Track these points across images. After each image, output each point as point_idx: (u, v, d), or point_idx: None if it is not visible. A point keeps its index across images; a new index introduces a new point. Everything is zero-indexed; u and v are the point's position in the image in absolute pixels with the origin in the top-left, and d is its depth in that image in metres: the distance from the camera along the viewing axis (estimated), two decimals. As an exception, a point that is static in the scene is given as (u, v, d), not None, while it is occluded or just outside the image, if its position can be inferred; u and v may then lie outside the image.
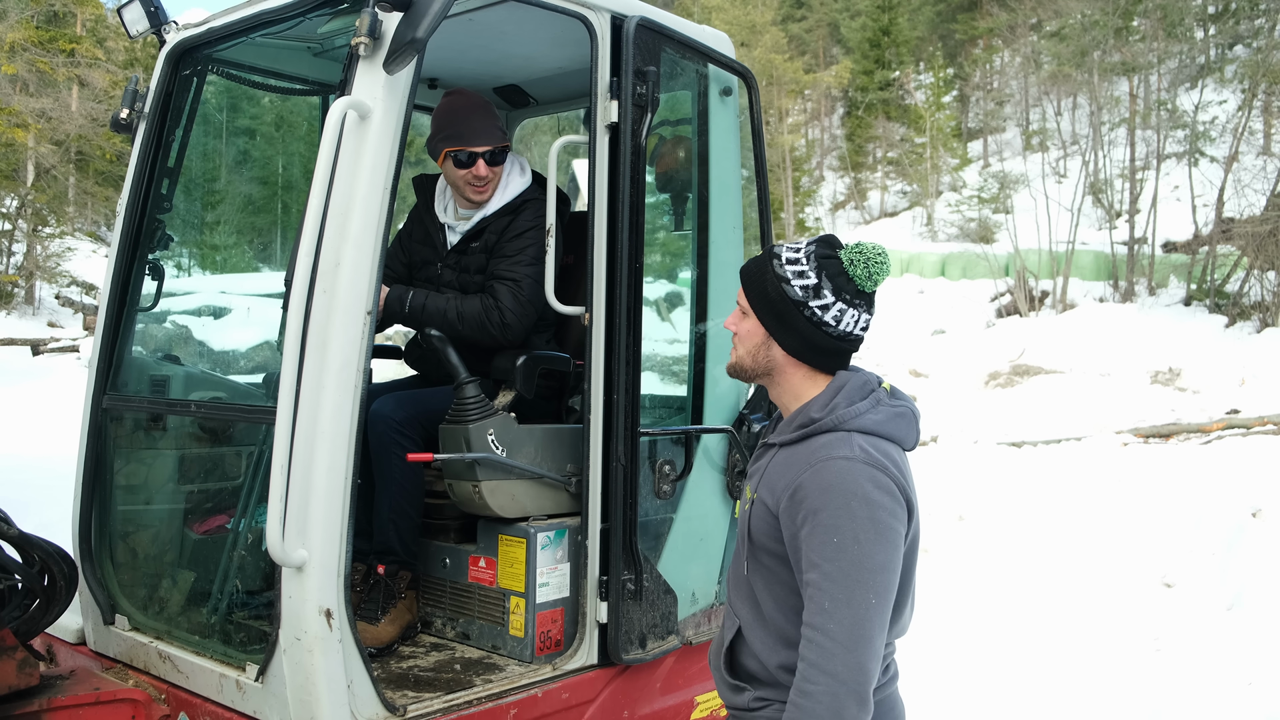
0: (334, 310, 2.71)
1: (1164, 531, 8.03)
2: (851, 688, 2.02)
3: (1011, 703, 5.78)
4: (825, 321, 2.24)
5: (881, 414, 2.21)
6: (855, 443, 2.14)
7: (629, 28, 3.31)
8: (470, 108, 3.72)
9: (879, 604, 2.05)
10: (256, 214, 5.73)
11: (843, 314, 2.24)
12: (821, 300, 2.23)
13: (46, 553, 3.02)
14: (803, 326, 2.25)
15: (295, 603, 2.67)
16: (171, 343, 4.11)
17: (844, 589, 2.04)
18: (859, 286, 2.24)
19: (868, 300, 2.27)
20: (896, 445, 2.21)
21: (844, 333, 2.25)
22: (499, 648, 3.40)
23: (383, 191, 2.79)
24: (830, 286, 2.23)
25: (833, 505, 2.08)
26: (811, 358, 2.30)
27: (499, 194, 3.76)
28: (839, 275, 2.24)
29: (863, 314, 2.26)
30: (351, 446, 2.72)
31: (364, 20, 2.74)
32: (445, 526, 3.65)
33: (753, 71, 3.93)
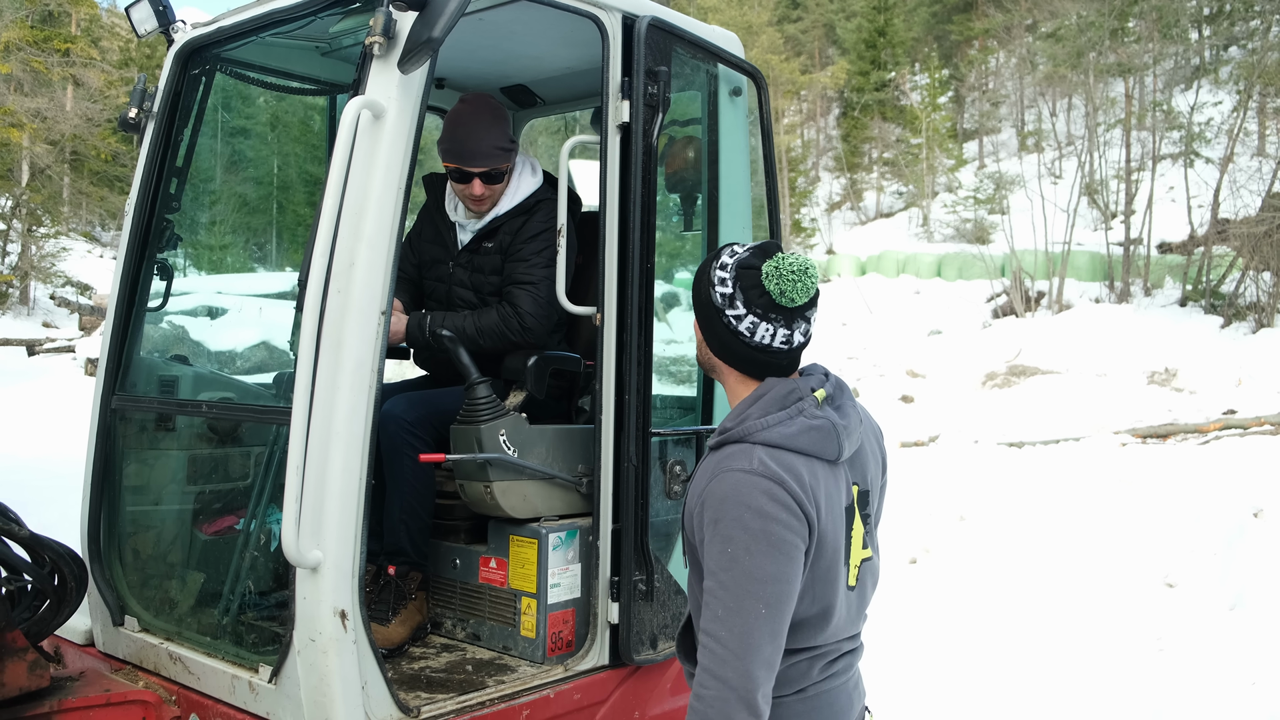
0: (348, 310, 2.70)
1: (1165, 531, 8.03)
2: (740, 694, 2.04)
3: (1014, 703, 5.79)
4: (740, 331, 2.23)
5: (794, 427, 2.17)
6: (756, 455, 2.13)
7: (640, 27, 3.30)
8: (474, 123, 3.67)
9: (770, 614, 2.07)
10: (266, 213, 5.72)
11: (755, 327, 2.21)
12: (735, 311, 2.22)
13: (57, 554, 3.01)
14: (722, 333, 2.26)
15: (310, 604, 2.66)
16: (180, 343, 4.09)
17: (735, 598, 2.06)
18: (774, 301, 2.20)
19: (785, 315, 2.21)
20: (810, 458, 2.18)
21: (760, 345, 2.23)
22: (510, 649, 3.39)
23: (397, 191, 2.78)
24: (743, 299, 2.21)
25: (728, 516, 2.09)
26: (736, 364, 2.29)
27: (509, 195, 3.76)
28: (753, 288, 2.21)
29: (779, 329, 2.21)
30: (366, 447, 2.71)
31: (378, 19, 2.74)
32: (456, 527, 3.64)
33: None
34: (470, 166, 3.65)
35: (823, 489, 2.17)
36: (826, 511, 2.17)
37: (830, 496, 2.20)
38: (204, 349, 4.77)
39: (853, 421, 2.28)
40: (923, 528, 9.00)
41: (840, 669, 2.35)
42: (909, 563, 8.48)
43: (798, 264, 2.20)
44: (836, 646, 2.33)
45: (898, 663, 6.43)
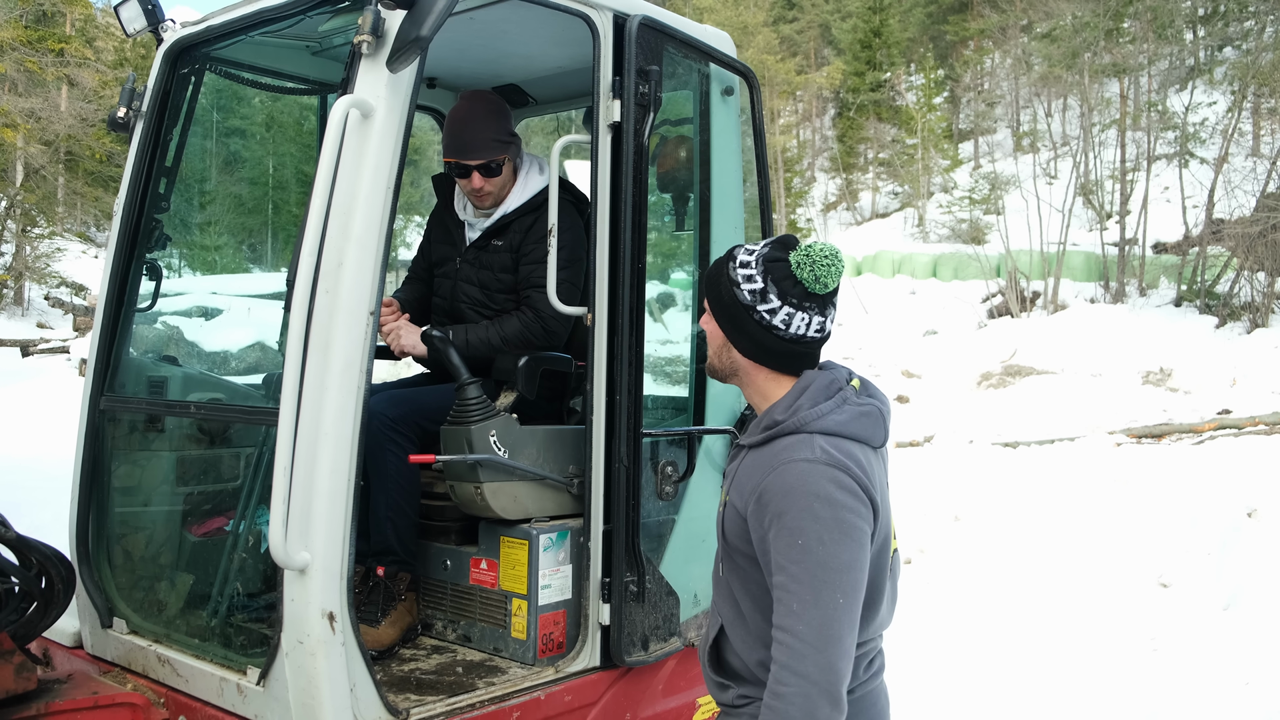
0: (337, 310, 2.68)
1: (1160, 532, 8.03)
2: (823, 688, 2.03)
3: (1009, 703, 5.78)
4: (774, 325, 2.24)
5: (846, 414, 2.20)
6: (817, 444, 2.14)
7: (631, 27, 3.29)
8: (470, 117, 3.71)
9: (847, 603, 2.06)
10: (254, 214, 5.69)
11: (791, 317, 2.23)
12: (769, 304, 2.24)
13: (44, 555, 2.99)
14: (754, 330, 2.26)
15: (298, 606, 2.64)
16: (169, 343, 4.07)
17: (811, 590, 2.05)
18: (808, 289, 2.23)
19: (819, 302, 2.25)
20: (863, 444, 2.20)
21: (795, 335, 2.24)
22: (501, 650, 3.38)
23: (385, 190, 2.77)
24: (776, 290, 2.23)
25: (796, 508, 2.08)
26: (769, 360, 2.30)
27: (518, 192, 3.77)
28: (785, 279, 2.24)
29: (814, 316, 2.24)
30: (354, 448, 2.70)
31: (367, 18, 2.72)
32: (446, 528, 3.62)
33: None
34: (466, 159, 3.67)
35: (876, 476, 2.19)
36: (881, 498, 2.17)
37: (882, 483, 2.21)
38: (193, 349, 4.76)
39: (888, 408, 2.30)
40: (918, 528, 8.99)
41: (879, 667, 2.36)
42: (904, 563, 8.47)
43: (827, 249, 2.23)
44: (875, 643, 2.33)
45: (893, 663, 6.41)
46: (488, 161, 3.69)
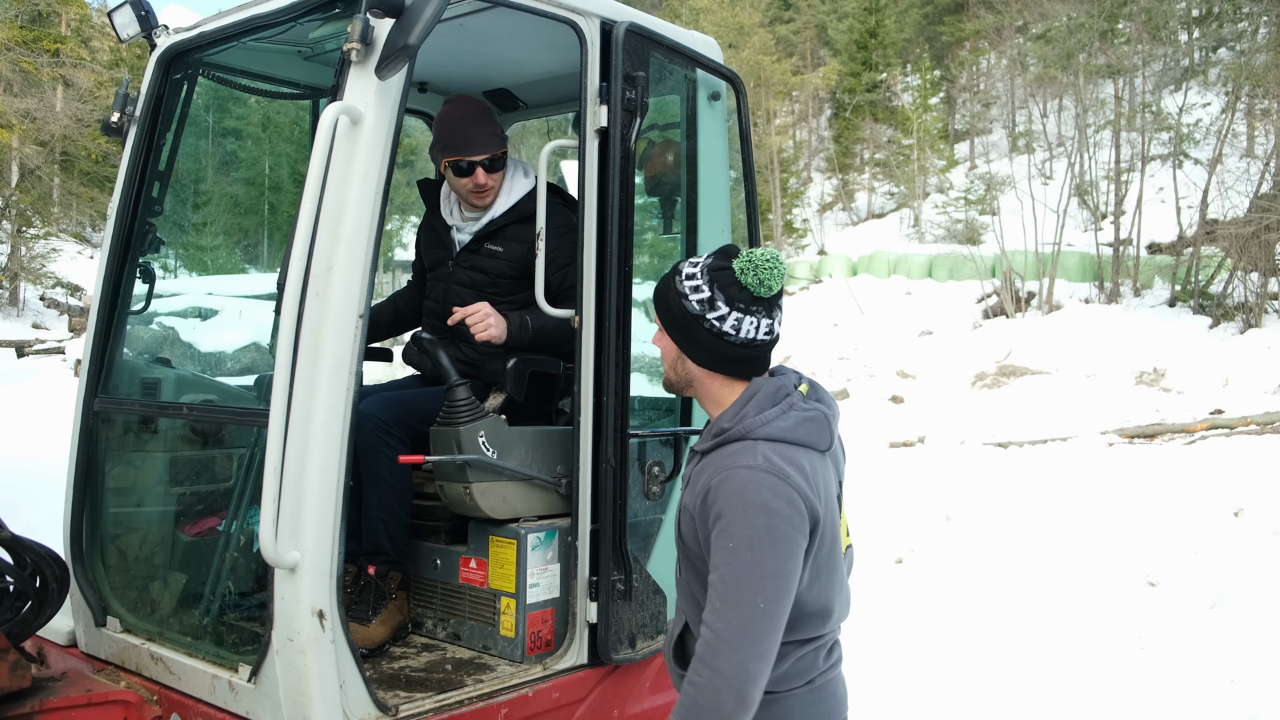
0: (326, 313, 2.73)
1: (1148, 531, 8.09)
2: (733, 685, 2.10)
3: (998, 702, 5.83)
4: (725, 331, 2.31)
5: (790, 420, 2.27)
6: (760, 451, 2.21)
7: (618, 33, 3.34)
8: (466, 116, 3.76)
9: (768, 608, 2.13)
10: (246, 216, 5.74)
11: (740, 322, 2.31)
12: (717, 312, 2.31)
13: (38, 555, 3.04)
14: (705, 339, 2.34)
15: (288, 604, 2.69)
16: (162, 345, 4.12)
17: (735, 592, 2.13)
18: (753, 293, 2.31)
19: (765, 305, 2.33)
20: (808, 449, 2.28)
21: (746, 340, 2.32)
22: (490, 648, 3.42)
23: (375, 195, 2.81)
24: (723, 297, 2.31)
25: (733, 511, 2.16)
26: (722, 367, 2.37)
27: (504, 196, 3.82)
28: (731, 285, 2.32)
29: (762, 319, 2.33)
30: (344, 449, 2.74)
31: (356, 26, 2.77)
32: (436, 528, 3.67)
33: (741, 74, 3.97)
34: (471, 155, 3.72)
35: (821, 480, 2.26)
36: (825, 503, 2.25)
37: (827, 487, 2.29)
38: (187, 350, 4.78)
39: (834, 412, 2.37)
40: (908, 527, 9.04)
41: (837, 658, 2.44)
42: (895, 562, 8.52)
43: (768, 254, 2.33)
44: (832, 635, 2.41)
45: (882, 662, 6.46)
46: (490, 156, 3.74)
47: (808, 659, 2.33)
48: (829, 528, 2.27)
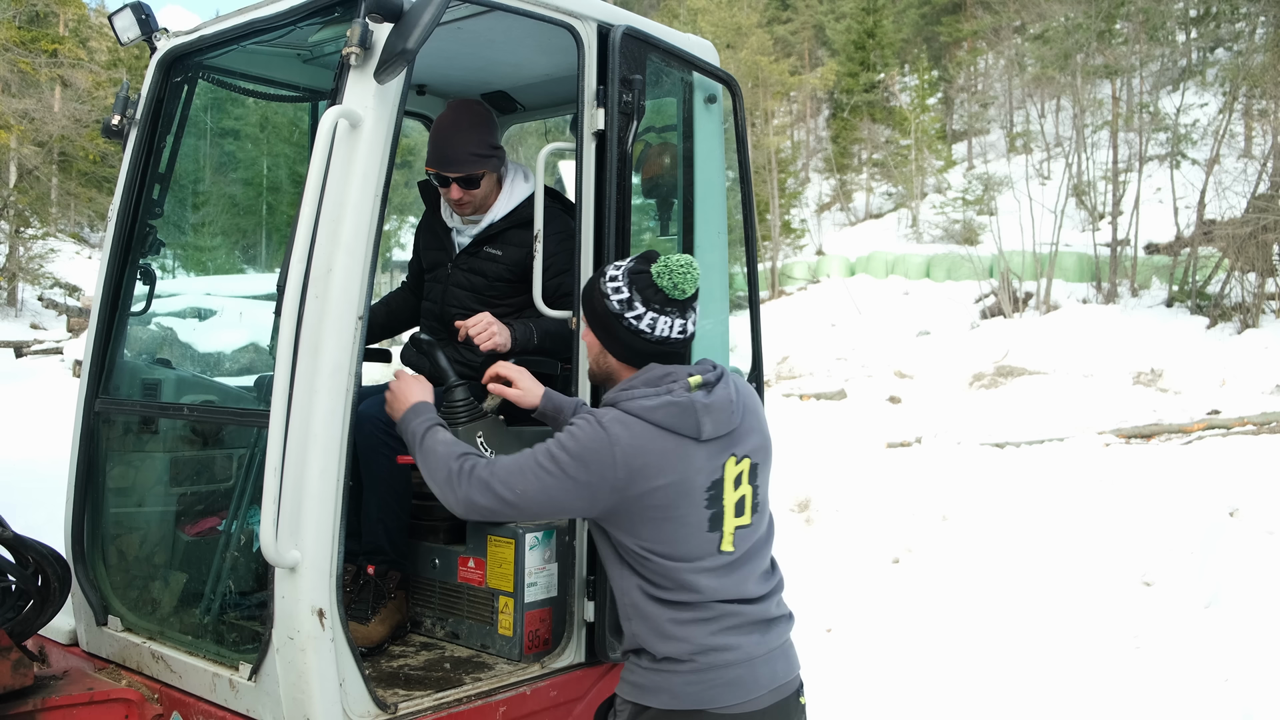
0: (326, 315, 2.75)
1: (1144, 531, 8.11)
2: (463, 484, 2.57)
3: (995, 701, 5.86)
4: (641, 329, 2.59)
5: (654, 402, 2.51)
6: (609, 415, 2.52)
7: (615, 37, 3.36)
8: (453, 128, 3.77)
9: (517, 495, 2.52)
10: (245, 217, 5.75)
11: (655, 322, 2.59)
12: (635, 311, 2.59)
13: (40, 554, 3.06)
14: (624, 335, 2.62)
15: (288, 603, 2.71)
16: (162, 346, 4.14)
17: (524, 460, 2.57)
18: (668, 296, 2.59)
19: (679, 307, 2.61)
20: (667, 431, 2.50)
21: (661, 338, 2.61)
22: (488, 646, 3.45)
23: (374, 198, 2.84)
24: (640, 298, 2.60)
25: (565, 433, 2.55)
26: (639, 361, 2.65)
27: (504, 200, 3.84)
28: (648, 287, 2.60)
29: (675, 319, 2.61)
30: (343, 449, 2.77)
31: (355, 30, 2.79)
32: (435, 528, 3.69)
33: (738, 74, 3.99)
34: (446, 171, 3.75)
35: (667, 462, 2.49)
36: (661, 480, 2.49)
37: (679, 470, 2.51)
38: (187, 351, 4.80)
39: (720, 404, 2.56)
40: (905, 527, 9.07)
41: (745, 641, 2.55)
42: (892, 562, 8.56)
43: (683, 260, 2.61)
44: (728, 610, 2.56)
45: (879, 662, 6.49)
46: (466, 175, 3.77)
47: (687, 628, 2.52)
48: (668, 504, 2.50)
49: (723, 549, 2.57)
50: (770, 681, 2.57)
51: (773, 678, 2.58)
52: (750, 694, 2.53)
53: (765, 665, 2.57)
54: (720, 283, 3.95)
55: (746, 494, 2.62)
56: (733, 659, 2.53)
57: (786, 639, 2.69)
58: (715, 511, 2.56)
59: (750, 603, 2.60)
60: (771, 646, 2.61)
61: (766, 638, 2.60)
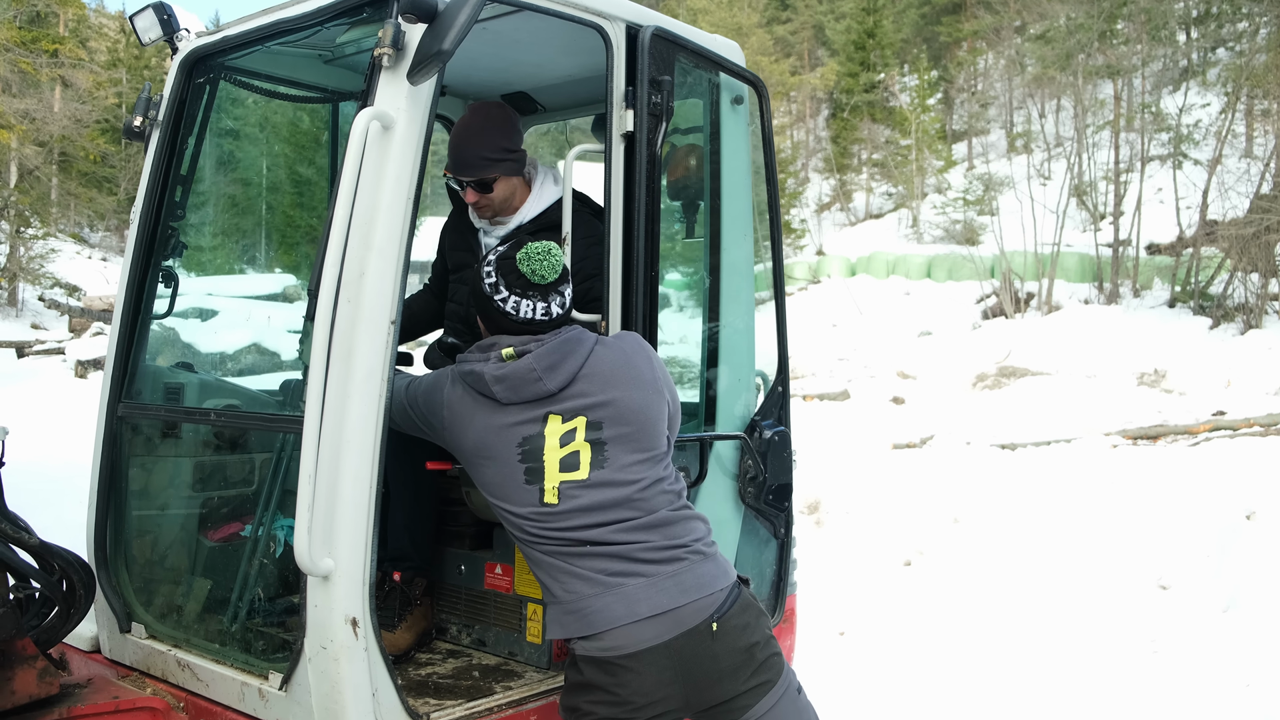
0: (359, 319, 2.72)
1: (1159, 534, 8.08)
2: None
3: (1010, 706, 5.82)
4: (508, 311, 2.80)
5: (465, 368, 2.84)
6: (450, 370, 2.94)
7: (644, 37, 3.32)
8: (469, 133, 3.71)
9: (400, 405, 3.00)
10: (269, 217, 5.70)
11: (519, 304, 2.80)
12: (500, 295, 2.81)
13: (65, 561, 3.03)
14: (495, 315, 2.84)
15: (321, 611, 2.67)
16: (185, 350, 4.11)
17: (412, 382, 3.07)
18: (529, 280, 2.79)
19: (540, 291, 2.80)
20: (477, 393, 2.83)
21: (525, 319, 2.80)
22: (516, 654, 3.41)
23: (406, 201, 2.80)
24: (504, 282, 2.81)
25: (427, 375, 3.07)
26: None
27: (532, 203, 3.79)
28: (511, 272, 2.80)
29: (537, 303, 2.81)
30: (376, 456, 2.73)
31: (387, 31, 2.75)
32: (460, 533, 3.66)
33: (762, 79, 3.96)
34: (459, 175, 3.70)
35: (470, 416, 2.83)
36: (469, 431, 2.83)
37: (480, 425, 2.81)
38: (209, 355, 4.76)
39: (516, 373, 2.76)
40: (916, 530, 9.04)
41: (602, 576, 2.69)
42: (903, 565, 8.52)
43: (541, 247, 2.81)
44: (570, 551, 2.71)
45: (893, 665, 6.46)
46: (478, 179, 3.72)
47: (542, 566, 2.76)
48: (481, 454, 2.82)
49: (545, 501, 2.74)
50: (652, 609, 2.65)
51: (654, 605, 2.66)
52: (620, 620, 2.65)
53: (642, 593, 2.67)
54: (746, 285, 3.91)
55: (581, 450, 2.76)
56: (594, 591, 2.68)
57: (683, 568, 2.74)
58: (533, 466, 2.75)
59: (606, 544, 2.72)
60: (652, 575, 2.69)
61: (643, 569, 2.70)
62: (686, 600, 2.69)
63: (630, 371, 2.87)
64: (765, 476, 3.76)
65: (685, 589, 2.70)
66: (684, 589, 2.70)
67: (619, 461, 2.78)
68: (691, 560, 2.76)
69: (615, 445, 2.79)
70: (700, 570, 2.76)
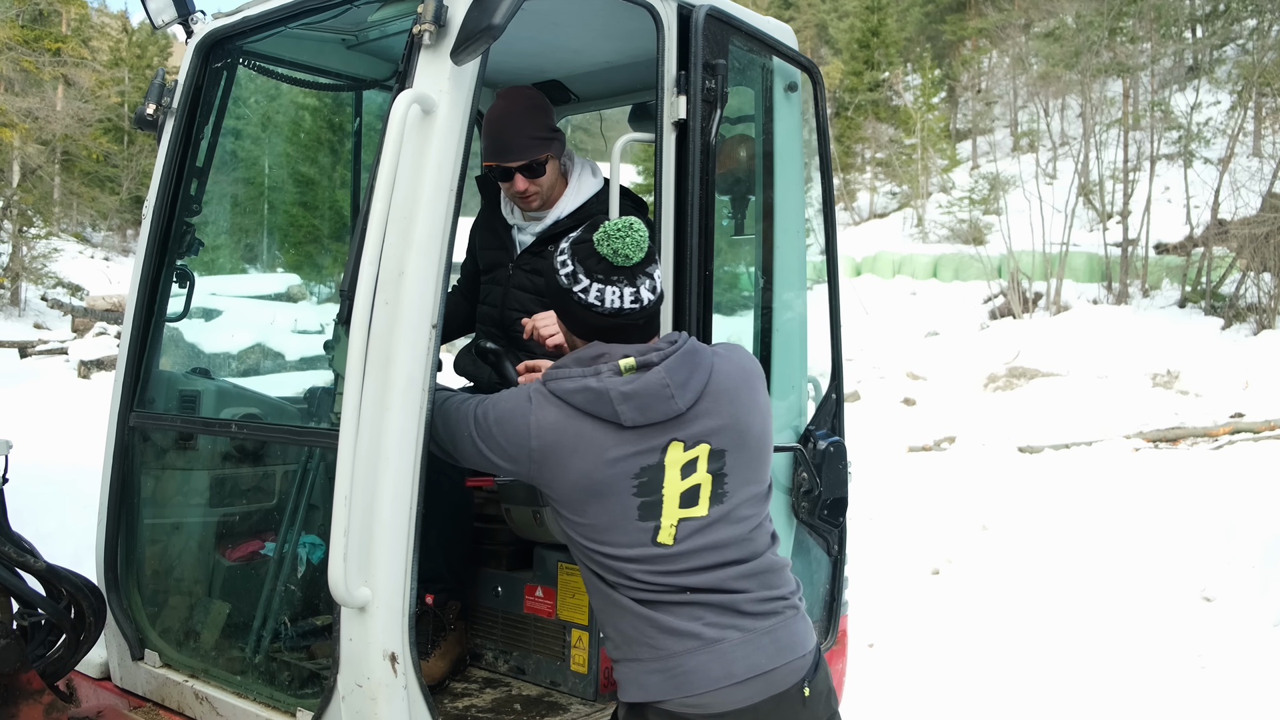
0: (397, 323, 2.46)
1: (1197, 543, 7.83)
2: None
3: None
4: (591, 303, 2.38)
5: (573, 385, 2.35)
6: (532, 390, 2.43)
7: (698, 18, 3.07)
8: (508, 116, 3.47)
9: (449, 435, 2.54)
10: (289, 213, 5.47)
11: (603, 293, 2.37)
12: (580, 284, 2.39)
13: (75, 586, 2.79)
14: (576, 311, 2.42)
15: (357, 646, 2.42)
16: (201, 354, 3.85)
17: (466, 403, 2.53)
18: (611, 263, 2.37)
19: (626, 274, 2.38)
20: (586, 415, 2.34)
21: (613, 309, 2.38)
22: (559, 684, 3.16)
23: (449, 193, 2.55)
24: (583, 269, 2.38)
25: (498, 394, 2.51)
26: (595, 336, 2.44)
27: (570, 195, 3.53)
28: (590, 257, 2.39)
29: (624, 288, 2.38)
30: (416, 474, 2.48)
31: (428, 6, 2.50)
32: (497, 552, 3.41)
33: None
34: (507, 161, 3.44)
35: (582, 444, 2.34)
36: (576, 462, 2.33)
37: (595, 454, 2.33)
38: (226, 360, 4.53)
39: (647, 389, 2.33)
40: (943, 537, 8.79)
41: (705, 630, 2.33)
42: (931, 573, 8.27)
43: (621, 223, 2.38)
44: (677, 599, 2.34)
45: (924, 678, 6.22)
46: (529, 162, 3.46)
47: (633, 617, 2.34)
48: (596, 488, 2.33)
49: (659, 540, 2.34)
50: (750, 669, 2.33)
51: (752, 666, 2.33)
52: (717, 683, 2.31)
53: (740, 650, 2.33)
54: (799, 286, 3.67)
55: (702, 482, 2.38)
56: (692, 646, 2.32)
57: (778, 623, 2.42)
58: (650, 501, 2.34)
59: (711, 591, 2.37)
60: (751, 630, 2.36)
61: (742, 623, 2.36)
62: (782, 661, 2.37)
63: (749, 391, 2.51)
64: (821, 490, 3.51)
65: (781, 649, 2.39)
66: (780, 649, 2.38)
67: (737, 497, 2.43)
68: (787, 616, 2.43)
69: (735, 478, 2.43)
70: (795, 628, 2.44)
